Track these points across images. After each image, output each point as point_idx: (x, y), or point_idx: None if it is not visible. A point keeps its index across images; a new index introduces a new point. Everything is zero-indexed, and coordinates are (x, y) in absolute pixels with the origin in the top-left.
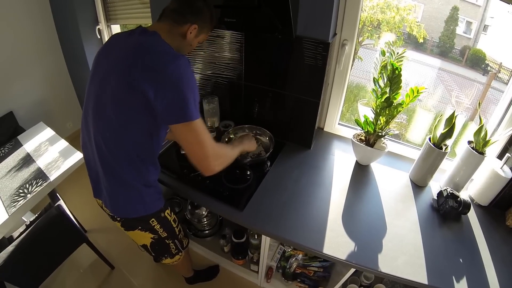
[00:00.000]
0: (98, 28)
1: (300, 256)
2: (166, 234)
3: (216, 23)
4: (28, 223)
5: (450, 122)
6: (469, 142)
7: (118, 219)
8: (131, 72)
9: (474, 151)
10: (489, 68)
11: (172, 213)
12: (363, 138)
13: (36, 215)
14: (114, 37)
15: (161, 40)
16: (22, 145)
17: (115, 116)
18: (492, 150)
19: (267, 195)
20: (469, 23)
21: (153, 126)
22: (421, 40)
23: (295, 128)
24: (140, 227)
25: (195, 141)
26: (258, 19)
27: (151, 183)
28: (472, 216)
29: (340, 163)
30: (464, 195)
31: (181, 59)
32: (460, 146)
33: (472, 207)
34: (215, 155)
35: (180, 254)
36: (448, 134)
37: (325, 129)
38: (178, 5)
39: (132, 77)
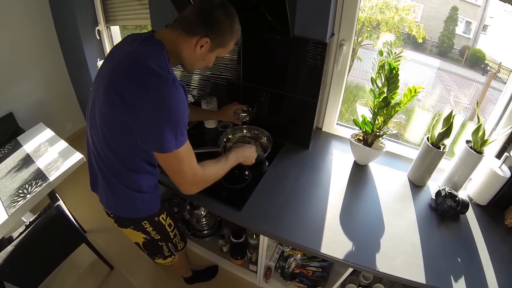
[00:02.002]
0: (98, 29)
1: (299, 256)
2: (159, 237)
3: (239, 33)
4: (28, 223)
5: (448, 122)
6: (467, 142)
7: (112, 215)
8: (115, 89)
9: (472, 150)
10: (488, 68)
11: (168, 217)
12: (361, 138)
13: (36, 216)
14: (124, 40)
15: (161, 53)
16: (21, 146)
17: (101, 129)
18: (491, 150)
19: (265, 195)
20: (468, 23)
21: (138, 146)
22: (420, 40)
23: (293, 128)
24: (132, 227)
25: (172, 169)
26: (255, 19)
27: (144, 189)
28: (470, 215)
29: (338, 163)
30: (462, 194)
31: (170, 84)
32: (458, 146)
33: (470, 207)
34: (195, 181)
35: (173, 257)
36: (446, 133)
37: (323, 129)
38: (191, 13)
39: (115, 95)
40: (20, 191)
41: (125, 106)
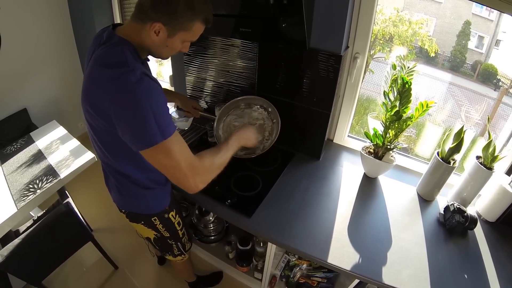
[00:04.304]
0: None
1: (305, 266)
2: (168, 235)
3: (207, 12)
4: (36, 218)
5: (459, 137)
6: (478, 157)
7: (123, 211)
8: (88, 105)
9: (482, 166)
10: (500, 83)
11: (178, 215)
12: (371, 150)
13: (44, 211)
14: (93, 40)
15: (120, 50)
16: (34, 142)
17: (95, 135)
18: (501, 166)
19: (275, 203)
20: (481, 38)
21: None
22: (432, 54)
23: (305, 139)
24: (143, 222)
25: (165, 165)
26: (273, 30)
27: (153, 185)
28: (478, 231)
29: (348, 175)
30: (471, 210)
31: (128, 81)
32: (468, 161)
33: (479, 223)
34: (195, 173)
35: (182, 256)
36: (456, 149)
37: (334, 141)
38: None
39: (90, 109)
40: (31, 186)
41: (100, 117)
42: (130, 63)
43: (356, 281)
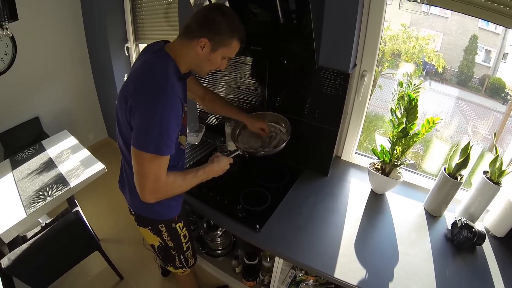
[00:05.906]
0: (127, 46)
1: (311, 281)
2: (172, 245)
3: (242, 32)
4: (44, 225)
5: (465, 152)
6: (485, 172)
7: (133, 213)
8: (124, 94)
9: (489, 181)
10: (509, 97)
11: (185, 228)
12: (379, 167)
13: (52, 219)
14: (144, 49)
15: (164, 64)
16: (45, 150)
17: (119, 129)
18: (509, 181)
19: (283, 218)
20: (488, 52)
21: None
22: (440, 70)
23: (313, 155)
24: (150, 227)
25: (141, 170)
26: (283, 49)
27: None
28: (487, 247)
29: (356, 191)
30: (479, 226)
31: (162, 93)
32: (476, 176)
33: (487, 238)
34: (155, 188)
35: (183, 269)
36: (463, 164)
37: (342, 158)
38: (191, 19)
39: (123, 99)
40: (41, 193)
41: (128, 108)
42: (169, 79)
43: None
